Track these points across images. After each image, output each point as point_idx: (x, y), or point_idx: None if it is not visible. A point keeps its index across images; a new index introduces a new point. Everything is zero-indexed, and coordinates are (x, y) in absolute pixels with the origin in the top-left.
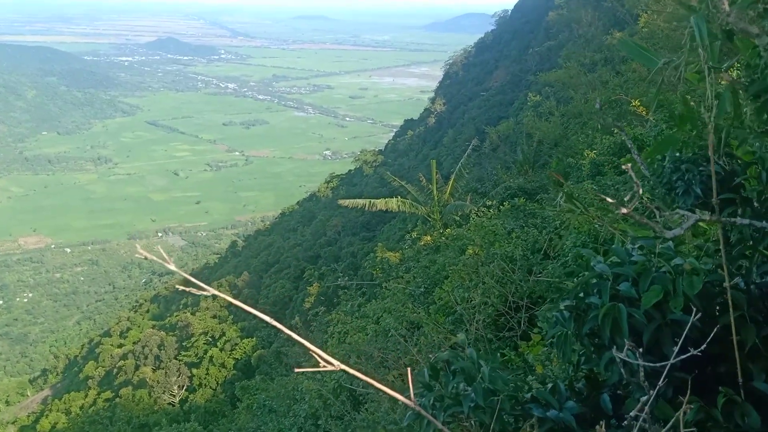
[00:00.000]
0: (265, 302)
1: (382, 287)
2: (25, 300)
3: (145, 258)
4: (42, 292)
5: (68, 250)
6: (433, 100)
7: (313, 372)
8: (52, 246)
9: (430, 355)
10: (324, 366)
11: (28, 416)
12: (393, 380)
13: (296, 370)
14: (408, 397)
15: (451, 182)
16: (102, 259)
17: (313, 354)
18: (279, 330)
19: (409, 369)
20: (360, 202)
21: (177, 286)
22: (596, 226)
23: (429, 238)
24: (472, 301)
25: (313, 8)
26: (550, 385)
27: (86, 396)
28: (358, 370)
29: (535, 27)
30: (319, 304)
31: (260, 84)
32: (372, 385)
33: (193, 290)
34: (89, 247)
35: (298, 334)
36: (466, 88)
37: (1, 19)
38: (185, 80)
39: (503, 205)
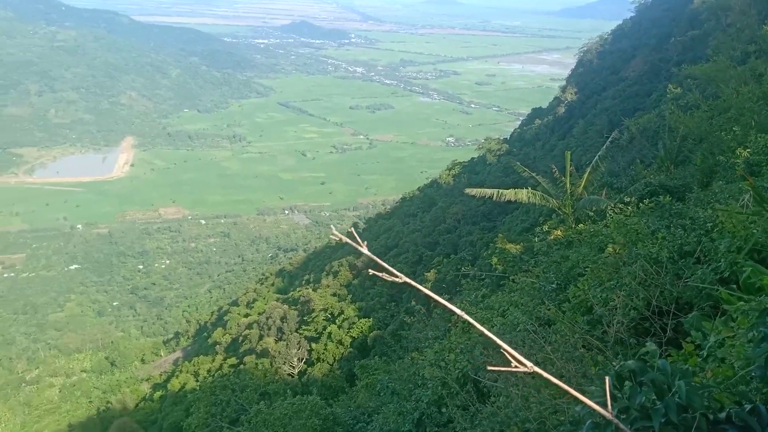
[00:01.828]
0: (382, 285)
1: (508, 279)
2: (163, 266)
3: (340, 240)
4: (178, 260)
5: (203, 221)
6: (563, 89)
7: (436, 358)
8: (189, 217)
9: (615, 364)
10: (516, 366)
11: (161, 375)
12: (522, 377)
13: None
14: (604, 406)
15: (585, 175)
16: (233, 232)
17: (505, 353)
18: (397, 313)
19: (606, 378)
20: (488, 191)
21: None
22: (755, 230)
23: (560, 232)
24: (612, 302)
25: None
26: (748, 406)
27: (213, 360)
28: (552, 375)
29: (678, 14)
30: (436, 291)
31: (387, 68)
32: (564, 390)
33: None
34: (222, 220)
35: (418, 320)
36: (600, 77)
37: (148, 0)
38: (316, 63)
39: (643, 203)
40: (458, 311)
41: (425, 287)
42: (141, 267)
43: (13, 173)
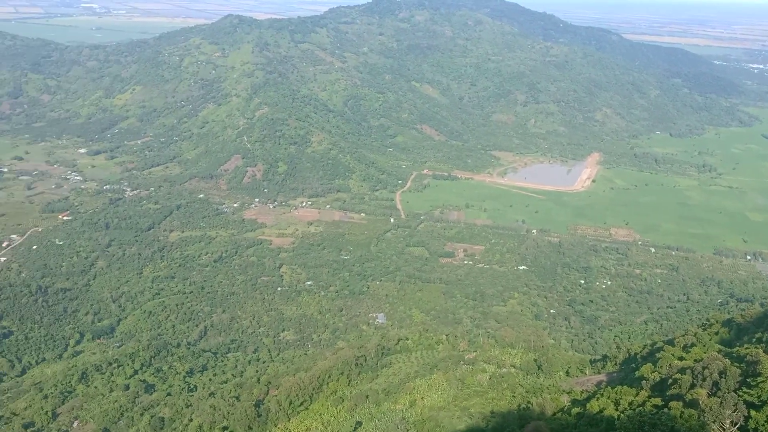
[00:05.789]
0: None
1: None
2: (603, 286)
3: None
4: (619, 283)
5: (652, 249)
6: None
7: None
8: (639, 242)
9: None
10: None
11: (581, 392)
12: None
13: None
14: None
15: None
16: (683, 267)
17: None
18: None
19: None
20: None
21: None
22: None
23: None
24: None
25: None
26: None
27: (637, 394)
28: None
29: None
30: None
31: None
32: None
33: None
34: (673, 252)
35: None
36: None
37: (641, 19)
38: None
39: None
40: None
41: None
42: (582, 282)
43: (488, 173)
